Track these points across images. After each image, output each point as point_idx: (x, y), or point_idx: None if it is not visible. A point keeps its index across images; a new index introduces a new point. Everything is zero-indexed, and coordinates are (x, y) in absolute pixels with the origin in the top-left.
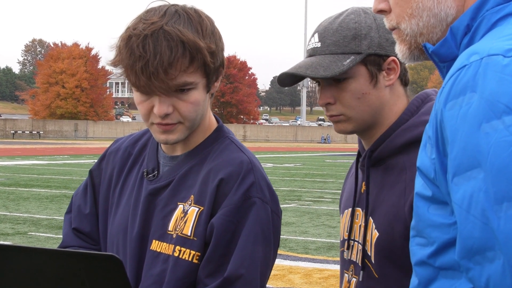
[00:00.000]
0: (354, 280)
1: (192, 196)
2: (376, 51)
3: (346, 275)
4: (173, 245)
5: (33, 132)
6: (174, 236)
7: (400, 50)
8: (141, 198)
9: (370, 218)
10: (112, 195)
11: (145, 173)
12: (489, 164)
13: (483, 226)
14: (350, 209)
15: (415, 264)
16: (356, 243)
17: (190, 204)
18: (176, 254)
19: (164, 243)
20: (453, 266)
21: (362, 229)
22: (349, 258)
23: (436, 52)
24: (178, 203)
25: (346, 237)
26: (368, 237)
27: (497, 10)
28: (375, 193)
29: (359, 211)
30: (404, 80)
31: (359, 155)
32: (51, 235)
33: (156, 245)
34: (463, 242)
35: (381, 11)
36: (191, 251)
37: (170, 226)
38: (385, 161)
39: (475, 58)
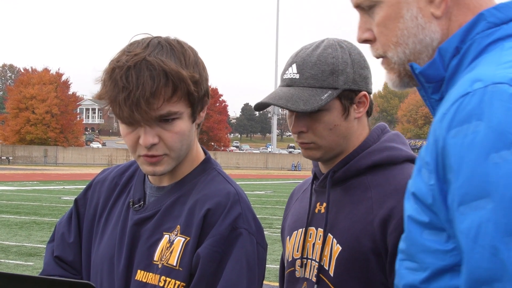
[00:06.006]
0: None
1: (178, 226)
2: (351, 86)
3: None
4: (159, 275)
5: (2, 157)
6: (159, 266)
7: (390, 78)
8: (127, 228)
9: (329, 234)
10: (97, 224)
11: (131, 203)
12: (499, 195)
13: (491, 258)
14: (301, 229)
15: (404, 287)
16: (309, 260)
17: (176, 234)
18: (161, 285)
19: (150, 273)
20: None
21: (319, 246)
22: (302, 275)
23: (424, 73)
24: (164, 233)
25: (297, 257)
26: (326, 253)
27: (487, 34)
28: (334, 212)
29: (313, 230)
30: (370, 112)
31: (314, 178)
32: (21, 262)
33: (141, 275)
34: (470, 272)
35: (365, 41)
36: (176, 282)
37: (156, 256)
38: (346, 181)
39: (478, 85)
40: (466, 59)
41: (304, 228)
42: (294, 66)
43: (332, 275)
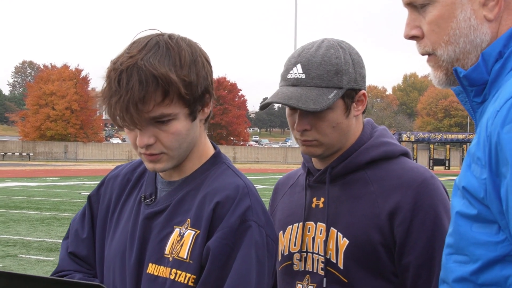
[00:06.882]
0: None
1: (188, 219)
2: (353, 86)
3: (299, 285)
4: (170, 268)
5: (23, 153)
6: (170, 259)
7: (436, 76)
8: (139, 222)
9: (332, 228)
10: (110, 220)
11: (142, 198)
12: None
13: None
14: (298, 224)
15: (453, 280)
16: (310, 254)
17: (186, 228)
18: (172, 277)
19: (161, 267)
20: (498, 282)
21: (320, 239)
22: (303, 269)
23: (468, 77)
24: (175, 227)
25: (294, 250)
26: (332, 246)
27: None
28: (334, 206)
29: (312, 224)
30: (364, 110)
31: (308, 173)
32: (42, 258)
33: (153, 269)
34: None
35: (413, 37)
36: (187, 274)
37: (167, 250)
38: (344, 177)
39: None
40: (509, 63)
41: (301, 223)
42: (299, 66)
43: (341, 267)
